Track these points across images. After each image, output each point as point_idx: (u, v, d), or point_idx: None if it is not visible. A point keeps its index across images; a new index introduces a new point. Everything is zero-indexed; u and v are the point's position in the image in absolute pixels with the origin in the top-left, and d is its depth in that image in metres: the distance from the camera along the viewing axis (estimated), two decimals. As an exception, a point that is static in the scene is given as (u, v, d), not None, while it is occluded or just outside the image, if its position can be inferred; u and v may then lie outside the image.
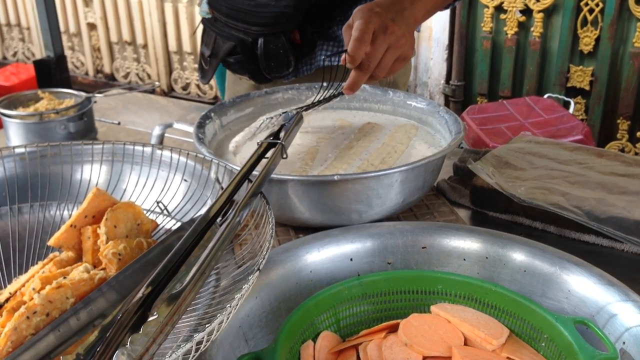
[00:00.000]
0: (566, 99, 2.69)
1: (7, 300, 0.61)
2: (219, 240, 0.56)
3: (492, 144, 1.92)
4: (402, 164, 0.90)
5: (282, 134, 0.73)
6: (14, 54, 5.16)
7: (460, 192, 1.06)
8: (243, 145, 1.03)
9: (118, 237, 0.64)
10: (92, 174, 1.05)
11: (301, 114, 0.78)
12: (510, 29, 2.99)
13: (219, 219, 0.63)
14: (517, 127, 2.12)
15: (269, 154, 0.71)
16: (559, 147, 1.12)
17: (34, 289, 0.57)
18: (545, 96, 2.53)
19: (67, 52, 4.89)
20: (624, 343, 0.70)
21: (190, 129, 1.17)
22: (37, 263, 0.72)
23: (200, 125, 1.03)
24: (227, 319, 0.48)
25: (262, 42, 1.17)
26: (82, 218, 0.65)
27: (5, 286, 0.70)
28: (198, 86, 4.35)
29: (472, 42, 3.16)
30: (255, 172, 0.70)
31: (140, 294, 0.51)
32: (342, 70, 0.99)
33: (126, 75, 4.69)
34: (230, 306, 0.48)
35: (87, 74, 4.89)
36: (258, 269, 0.52)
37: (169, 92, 4.44)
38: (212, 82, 4.26)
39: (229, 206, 0.64)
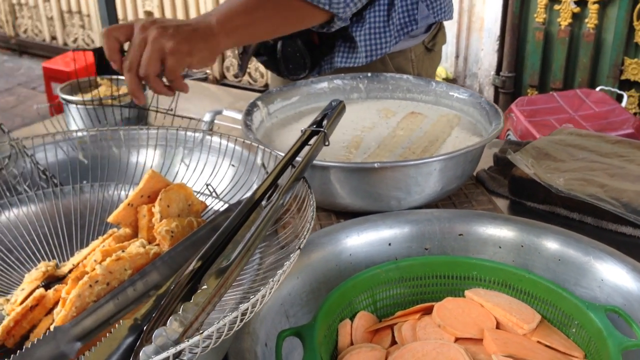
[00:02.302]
0: (619, 91, 2.64)
1: (70, 270, 0.67)
2: (263, 221, 0.60)
3: (540, 135, 1.92)
4: (442, 153, 0.93)
5: (324, 122, 0.77)
6: (74, 40, 5.34)
7: (500, 182, 1.08)
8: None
9: (171, 216, 0.69)
10: (147, 157, 1.12)
11: (344, 103, 0.82)
12: (564, 20, 2.95)
13: (264, 201, 0.68)
14: (567, 120, 2.10)
15: (311, 141, 0.75)
16: (600, 139, 1.12)
17: (95, 260, 0.63)
18: (598, 89, 2.49)
19: (124, 40, 5.03)
20: (654, 331, 0.71)
21: (239, 116, 1.22)
22: (96, 238, 0.78)
23: (248, 113, 1.08)
24: (270, 292, 0.52)
25: (281, 44, 1.22)
26: (138, 197, 0.71)
27: (69, 258, 0.76)
28: (249, 74, 4.43)
29: (524, 33, 3.13)
30: (298, 158, 0.74)
31: (191, 267, 0.56)
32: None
33: (180, 63, 4.80)
34: (272, 280, 0.52)
35: (143, 61, 5.02)
36: (299, 248, 0.56)
37: (220, 80, 4.53)
38: (263, 68, 4.33)
39: (273, 189, 0.69)
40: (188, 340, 0.46)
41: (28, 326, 0.59)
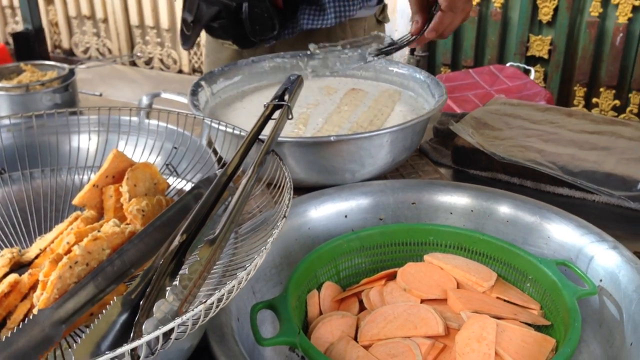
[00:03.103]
0: (527, 67, 2.78)
1: (37, 256, 0.65)
2: (242, 193, 0.61)
3: (461, 110, 1.99)
4: (391, 126, 0.95)
5: (286, 97, 0.77)
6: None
7: (442, 153, 1.12)
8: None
9: (138, 195, 0.68)
10: (90, 142, 1.09)
11: (302, 77, 0.83)
12: (473, 0, 3.06)
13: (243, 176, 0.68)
14: (484, 95, 2.20)
15: (275, 115, 0.76)
16: (531, 108, 1.19)
17: (68, 243, 0.61)
18: (507, 65, 2.61)
19: (23, 28, 4.78)
20: (601, 281, 0.77)
21: (179, 98, 1.20)
22: (55, 223, 0.75)
23: (194, 93, 1.06)
24: (262, 259, 0.52)
25: (247, 6, 1.21)
26: (103, 178, 0.69)
27: (27, 245, 0.73)
28: (161, 60, 4.32)
29: (435, 13, 3.23)
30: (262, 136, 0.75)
31: (176, 242, 0.56)
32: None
33: (86, 51, 4.62)
34: (264, 248, 0.53)
35: (44, 49, 4.79)
36: (284, 216, 0.57)
37: (131, 67, 4.40)
38: (175, 55, 4.24)
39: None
40: (192, 310, 0.46)
41: (4, 313, 0.57)
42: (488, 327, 0.68)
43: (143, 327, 0.46)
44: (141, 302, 0.49)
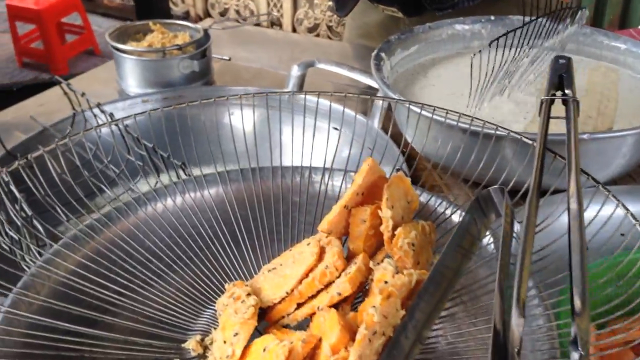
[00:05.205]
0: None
1: (282, 300, 0.49)
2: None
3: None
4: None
5: (567, 90, 0.59)
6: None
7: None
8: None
9: (396, 219, 0.52)
10: (245, 121, 0.94)
11: (572, 60, 0.64)
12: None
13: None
14: None
15: (554, 112, 0.58)
16: None
17: (339, 293, 0.45)
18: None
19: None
20: None
21: (339, 70, 1.03)
22: (268, 243, 0.60)
23: (378, 68, 0.88)
24: None
25: None
26: (354, 196, 0.52)
27: (238, 275, 0.57)
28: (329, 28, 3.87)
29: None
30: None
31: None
32: None
33: (223, 12, 4.21)
34: None
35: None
36: None
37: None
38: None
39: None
40: None
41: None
42: None
43: None
44: None
